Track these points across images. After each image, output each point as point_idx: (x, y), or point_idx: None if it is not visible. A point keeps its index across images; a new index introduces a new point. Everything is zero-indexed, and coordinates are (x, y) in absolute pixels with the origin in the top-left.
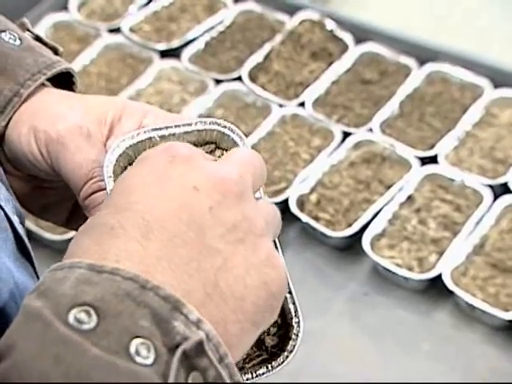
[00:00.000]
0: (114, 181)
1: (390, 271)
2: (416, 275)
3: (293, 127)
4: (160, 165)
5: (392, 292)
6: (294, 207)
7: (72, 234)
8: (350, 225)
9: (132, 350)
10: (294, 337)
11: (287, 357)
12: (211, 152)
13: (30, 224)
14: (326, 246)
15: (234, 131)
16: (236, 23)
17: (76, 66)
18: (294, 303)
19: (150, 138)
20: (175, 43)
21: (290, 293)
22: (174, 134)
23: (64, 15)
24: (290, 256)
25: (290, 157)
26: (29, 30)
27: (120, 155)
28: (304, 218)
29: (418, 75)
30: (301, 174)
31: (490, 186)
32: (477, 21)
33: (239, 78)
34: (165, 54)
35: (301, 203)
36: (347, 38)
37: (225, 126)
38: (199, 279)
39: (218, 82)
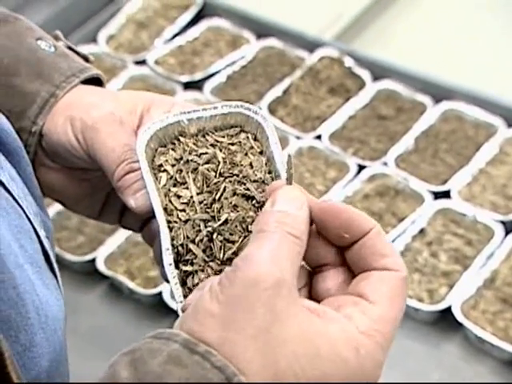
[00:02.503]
0: (147, 161)
1: None
2: (426, 307)
3: (309, 159)
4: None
5: (402, 323)
6: None
7: (94, 255)
8: None
9: None
10: None
11: None
12: (236, 135)
13: None
14: None
15: (257, 113)
16: (257, 58)
17: None
18: None
19: (179, 122)
20: (198, 76)
21: None
22: (200, 118)
23: (93, 47)
24: None
25: (306, 188)
26: (62, 40)
27: (151, 136)
28: None
29: (433, 112)
30: None
31: (502, 222)
32: (493, 61)
33: None
34: (188, 85)
35: None
36: (365, 74)
37: (249, 109)
38: None
39: None
